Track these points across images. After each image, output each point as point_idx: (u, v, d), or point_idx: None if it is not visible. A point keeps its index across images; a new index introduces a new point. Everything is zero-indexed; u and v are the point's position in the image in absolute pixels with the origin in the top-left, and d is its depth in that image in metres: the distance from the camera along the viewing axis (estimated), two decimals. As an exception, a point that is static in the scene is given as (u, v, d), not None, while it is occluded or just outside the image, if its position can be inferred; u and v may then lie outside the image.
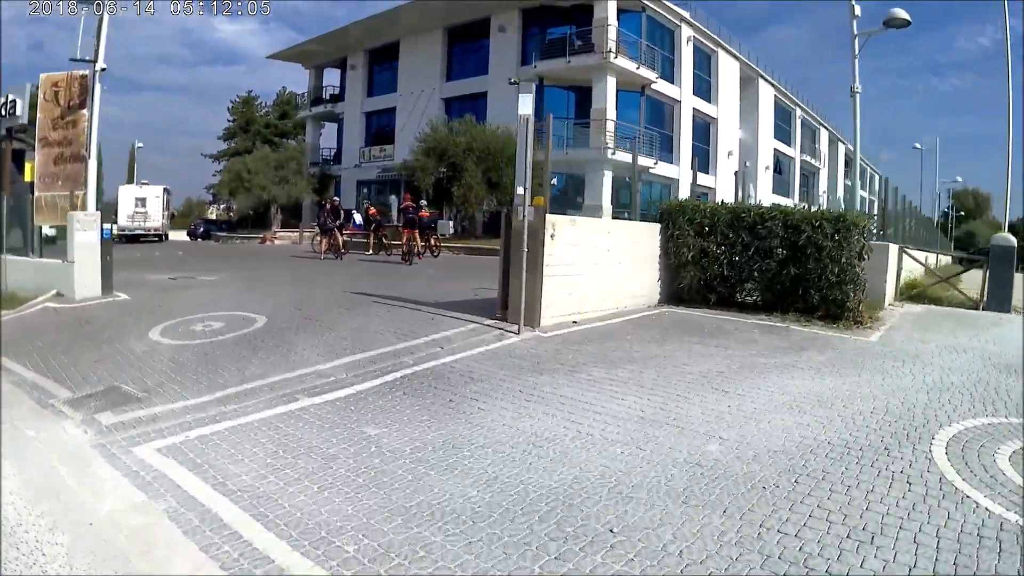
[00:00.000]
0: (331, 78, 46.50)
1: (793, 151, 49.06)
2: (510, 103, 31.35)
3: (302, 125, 51.44)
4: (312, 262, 20.79)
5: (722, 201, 14.53)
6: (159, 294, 12.10)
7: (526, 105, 9.16)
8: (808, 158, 52.70)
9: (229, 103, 72.82)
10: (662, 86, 34.13)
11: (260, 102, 73.52)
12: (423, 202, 22.85)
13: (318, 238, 24.72)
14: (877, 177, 67.85)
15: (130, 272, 16.19)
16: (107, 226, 11.97)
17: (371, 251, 24.77)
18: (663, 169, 33.67)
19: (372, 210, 26.09)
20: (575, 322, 9.66)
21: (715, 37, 38.32)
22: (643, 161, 31.77)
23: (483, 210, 26.50)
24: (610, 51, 29.89)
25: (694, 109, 37.06)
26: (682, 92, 36.04)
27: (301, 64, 47.02)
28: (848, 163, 50.01)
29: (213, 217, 61.67)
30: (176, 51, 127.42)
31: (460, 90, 35.40)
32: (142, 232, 38.77)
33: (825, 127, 55.73)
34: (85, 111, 12.39)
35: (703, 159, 37.52)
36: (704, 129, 38.29)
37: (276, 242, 35.25)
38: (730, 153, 40.09)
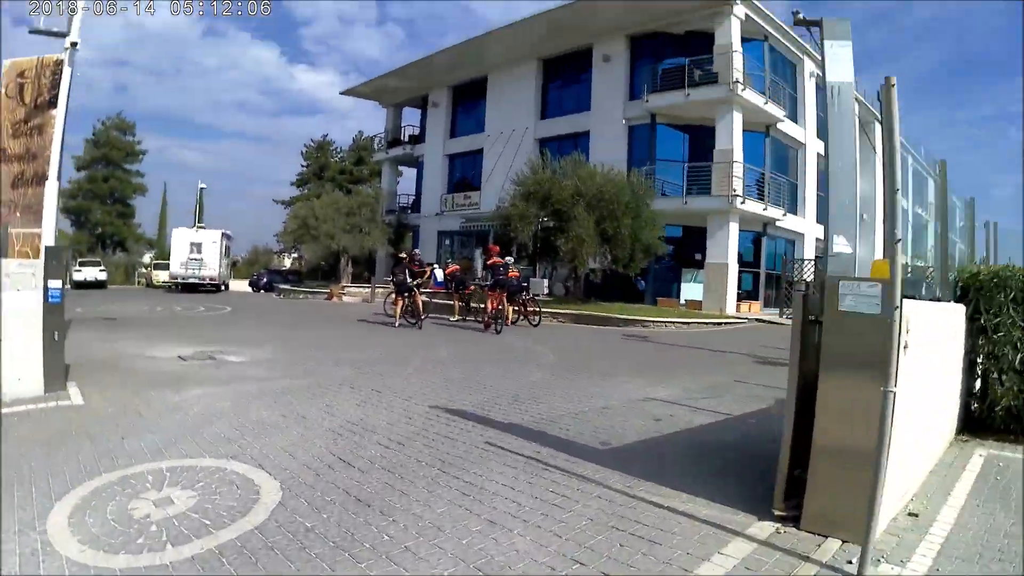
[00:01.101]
0: (411, 118, 43.05)
1: (906, 203, 42.98)
2: (615, 142, 27.01)
3: (378, 172, 48.02)
4: (384, 331, 16.32)
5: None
6: (141, 394, 7.56)
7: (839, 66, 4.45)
8: (920, 211, 46.63)
9: (303, 147, 70.75)
10: (787, 127, 29.16)
11: (335, 147, 71.29)
12: (510, 259, 18.35)
13: (392, 297, 20.49)
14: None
15: (139, 338, 12.27)
16: (55, 285, 7.55)
17: (456, 316, 20.35)
18: (788, 222, 28.59)
19: (452, 267, 21.72)
20: (912, 514, 4.71)
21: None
22: (772, 212, 26.88)
23: (593, 268, 21.68)
24: (737, 82, 25.16)
25: (817, 154, 31.90)
26: (806, 134, 31.02)
27: (378, 102, 43.57)
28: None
29: (287, 266, 58.88)
30: (255, 99, 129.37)
31: (557, 129, 30.91)
32: (197, 281, 35.47)
33: (933, 177, 49.49)
34: (56, 111, 8.30)
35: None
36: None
37: (344, 298, 31.20)
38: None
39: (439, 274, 27.67)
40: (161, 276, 40.27)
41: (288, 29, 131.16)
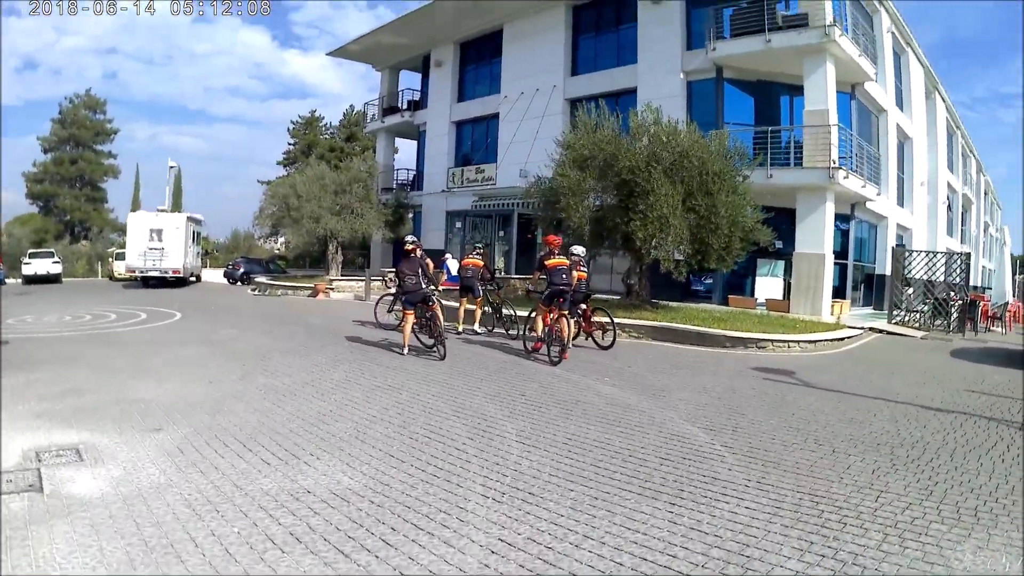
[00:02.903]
0: (410, 82, 37.16)
1: (957, 182, 37.72)
2: (670, 101, 17.98)
3: (372, 148, 42.11)
4: (389, 366, 10.67)
5: None
6: None
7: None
8: (969, 192, 41.57)
9: (290, 123, 64.95)
10: (872, 88, 23.56)
11: (325, 124, 65.48)
12: (580, 250, 12.77)
13: (394, 307, 15.06)
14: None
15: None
16: None
17: (477, 325, 14.83)
18: (876, 203, 23.12)
19: (472, 260, 15.45)
20: None
21: (907, 31, 27.45)
22: (864, 191, 21.37)
23: (678, 260, 15.64)
24: (831, 25, 19.52)
25: (897, 125, 26.38)
26: (888, 99, 25.48)
27: (371, 65, 37.69)
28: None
29: (278, 252, 53.18)
30: (247, 83, 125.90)
31: (593, 87, 24.89)
32: (158, 274, 29.80)
33: (975, 157, 44.19)
34: None
35: (899, 188, 26.92)
36: (900, 150, 27.37)
37: (332, 294, 25.50)
38: (923, 183, 29.27)
39: (453, 266, 22.04)
40: (121, 268, 34.63)
41: (279, 13, 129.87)
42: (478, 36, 30.92)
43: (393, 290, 15.09)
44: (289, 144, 64.48)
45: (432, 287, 11.73)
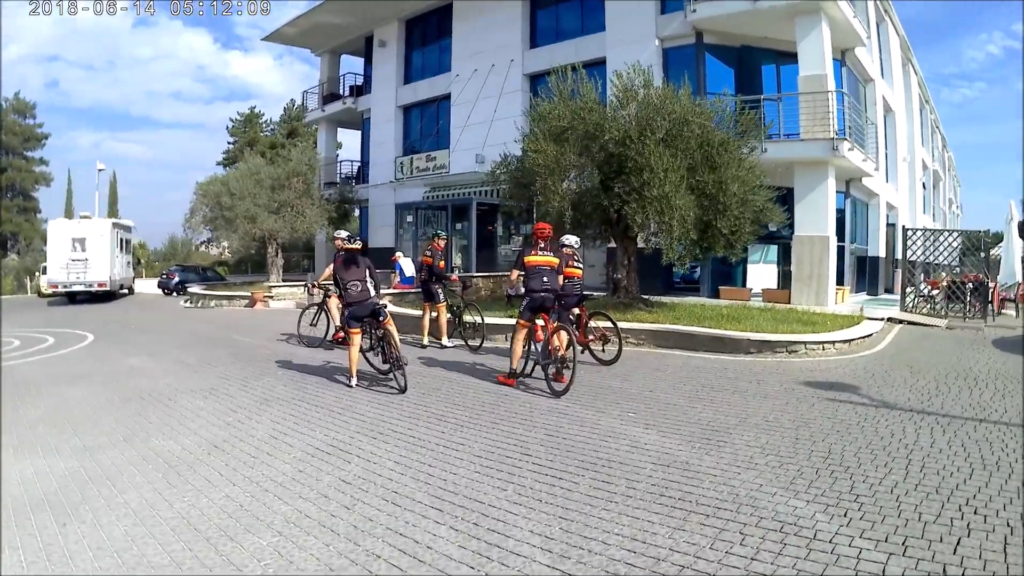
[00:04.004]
0: (353, 66, 34.18)
1: (928, 158, 36.10)
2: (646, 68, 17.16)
3: (314, 142, 38.98)
4: (327, 406, 8.01)
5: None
6: None
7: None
8: (939, 168, 40.13)
9: (229, 121, 61.44)
10: (862, 53, 21.48)
11: (265, 120, 62.07)
12: (573, 240, 10.29)
13: (318, 319, 12.72)
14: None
15: None
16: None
17: (445, 338, 12.27)
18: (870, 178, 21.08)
19: (430, 257, 12.52)
20: None
21: None
22: (865, 165, 19.27)
23: (684, 246, 12.82)
24: (826, -19, 17.35)
25: (883, 97, 24.45)
26: (875, 67, 23.52)
27: (310, 49, 34.58)
28: None
29: (221, 257, 49.53)
30: (190, 87, 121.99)
31: (556, 59, 21.31)
32: (83, 287, 26.55)
33: (941, 132, 42.74)
34: None
35: (886, 164, 24.99)
36: (884, 124, 25.45)
37: (272, 303, 22.52)
38: (905, 158, 27.45)
39: (407, 266, 19.32)
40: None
41: (219, 15, 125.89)
42: (425, 11, 28.18)
43: (318, 301, 12.52)
44: (229, 143, 61.07)
45: (383, 303, 9.02)
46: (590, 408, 7.40)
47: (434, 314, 12.39)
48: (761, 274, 19.56)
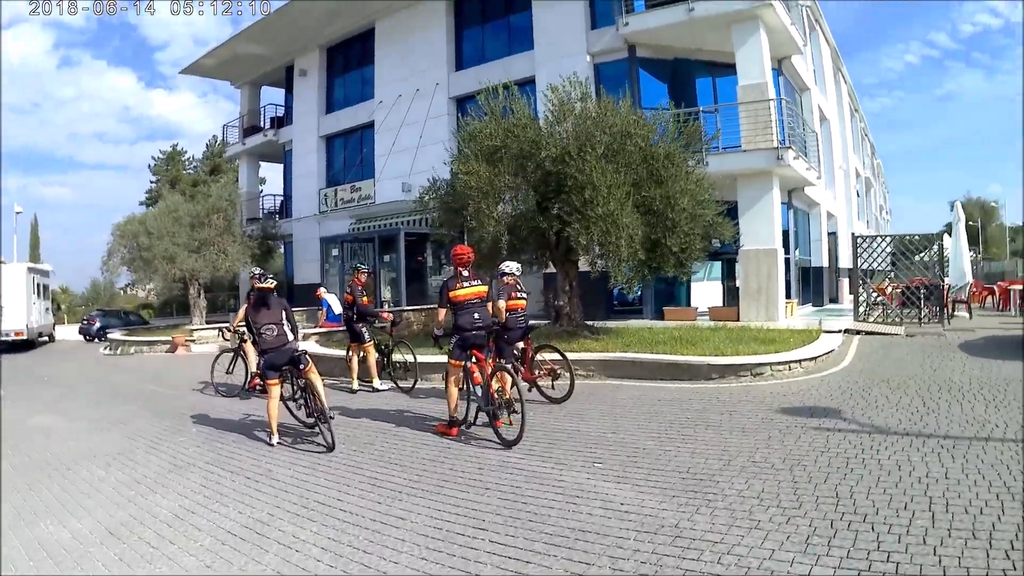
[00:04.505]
0: (274, 97, 32.88)
1: (860, 165, 36.48)
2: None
3: (235, 175, 37.38)
4: (244, 472, 6.64)
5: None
6: None
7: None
8: (870, 175, 40.74)
9: (151, 159, 59.34)
10: (798, 62, 21.26)
11: (188, 158, 60.07)
12: (512, 268, 9.24)
13: (233, 367, 11.85)
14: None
15: None
16: None
17: (376, 380, 11.08)
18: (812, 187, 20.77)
19: (350, 294, 11.23)
20: None
21: (817, 7, 25.53)
22: (808, 174, 18.86)
23: (632, 268, 11.79)
24: (760, -11, 16.94)
25: (819, 106, 24.35)
26: (811, 75, 23.39)
27: (229, 81, 33.13)
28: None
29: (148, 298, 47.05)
30: (114, 128, 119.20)
31: (484, 79, 20.14)
32: (-1, 337, 24.63)
33: (870, 139, 43.47)
34: None
35: (824, 173, 24.81)
36: (819, 131, 25.38)
37: (194, 347, 20.93)
38: (841, 166, 27.46)
39: (334, 302, 18.03)
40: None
41: (143, 54, 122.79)
42: (346, 38, 27.11)
43: (231, 346, 11.30)
44: (151, 183, 58.82)
45: (301, 347, 7.86)
46: (548, 460, 6.29)
47: (362, 355, 11.22)
48: (706, 292, 18.90)
